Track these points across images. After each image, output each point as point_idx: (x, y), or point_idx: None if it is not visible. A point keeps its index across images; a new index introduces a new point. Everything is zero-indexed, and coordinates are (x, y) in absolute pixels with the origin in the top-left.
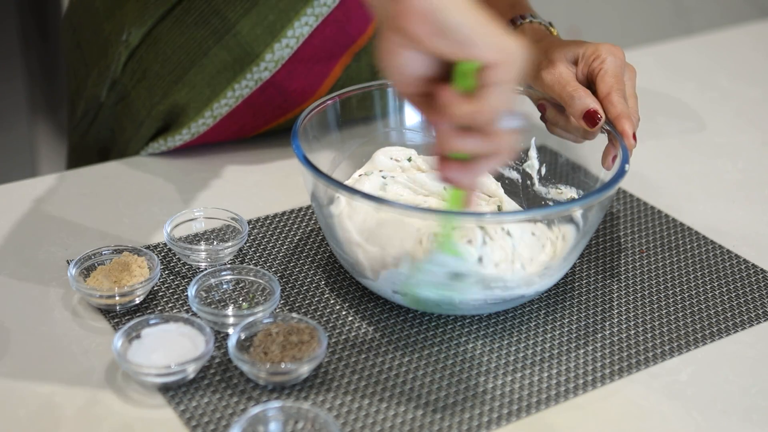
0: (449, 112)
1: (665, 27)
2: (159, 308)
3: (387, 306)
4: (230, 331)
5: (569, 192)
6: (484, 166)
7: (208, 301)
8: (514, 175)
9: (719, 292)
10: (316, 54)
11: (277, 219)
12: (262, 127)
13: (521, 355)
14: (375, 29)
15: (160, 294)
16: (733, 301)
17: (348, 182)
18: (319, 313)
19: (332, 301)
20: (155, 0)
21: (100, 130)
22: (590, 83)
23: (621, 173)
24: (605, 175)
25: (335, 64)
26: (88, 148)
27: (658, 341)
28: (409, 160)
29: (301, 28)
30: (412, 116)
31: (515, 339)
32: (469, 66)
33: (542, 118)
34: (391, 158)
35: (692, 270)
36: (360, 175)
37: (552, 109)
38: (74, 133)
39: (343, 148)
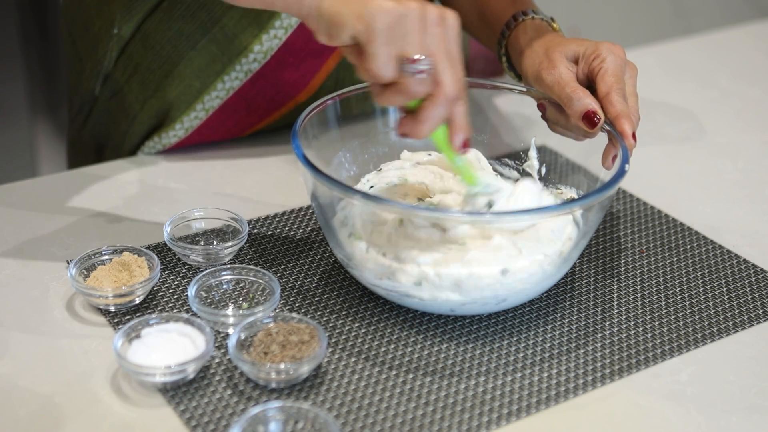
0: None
1: (665, 27)
2: (159, 308)
3: (387, 306)
4: (230, 331)
5: (569, 192)
6: (428, 112)
7: (208, 301)
8: (514, 174)
9: (719, 292)
10: (307, 45)
11: (277, 219)
12: (258, 124)
13: (521, 355)
14: None
15: (160, 294)
16: (733, 301)
17: (369, 176)
18: (319, 313)
19: (332, 301)
20: None
21: (95, 125)
22: (590, 82)
23: (621, 173)
24: (605, 175)
25: (328, 56)
26: (85, 143)
27: (658, 341)
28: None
29: (289, 18)
30: None
31: (515, 339)
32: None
33: (543, 117)
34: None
35: (692, 270)
36: (379, 169)
37: (552, 108)
38: (72, 128)
39: (343, 147)
